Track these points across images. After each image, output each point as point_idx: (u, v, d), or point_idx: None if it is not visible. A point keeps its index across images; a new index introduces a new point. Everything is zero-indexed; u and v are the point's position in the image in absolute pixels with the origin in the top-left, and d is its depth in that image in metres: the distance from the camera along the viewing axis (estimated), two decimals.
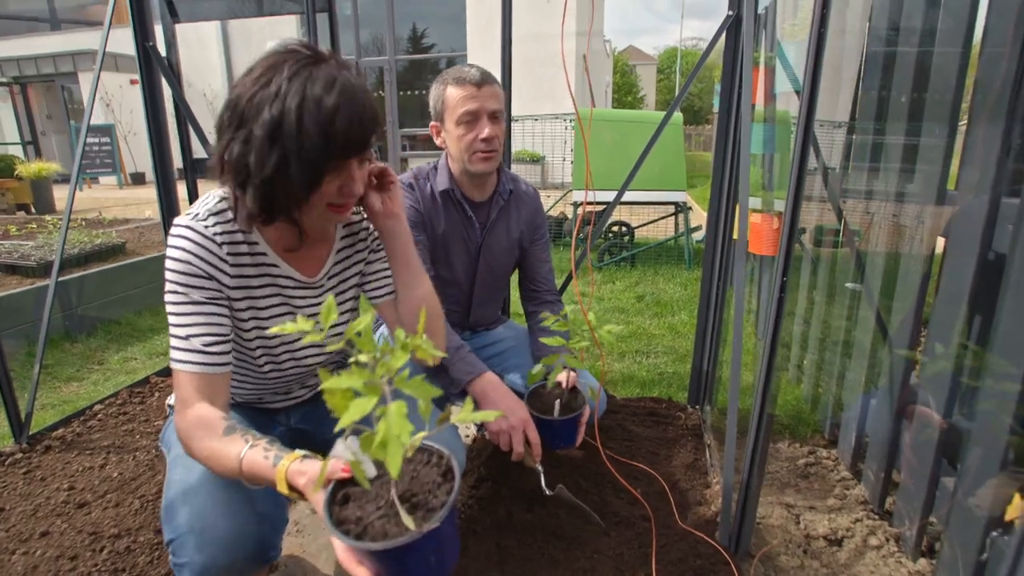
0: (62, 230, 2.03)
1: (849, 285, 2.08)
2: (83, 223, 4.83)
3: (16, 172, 7.27)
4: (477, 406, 1.41)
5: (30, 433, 1.90)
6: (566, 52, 10.38)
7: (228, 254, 0.98)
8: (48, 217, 6.14)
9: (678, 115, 4.86)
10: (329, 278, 1.13)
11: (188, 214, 0.98)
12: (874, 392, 1.79)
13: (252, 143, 0.87)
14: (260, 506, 0.97)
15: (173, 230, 0.96)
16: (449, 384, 1.43)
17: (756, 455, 1.30)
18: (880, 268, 1.84)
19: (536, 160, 9.72)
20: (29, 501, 1.59)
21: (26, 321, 2.95)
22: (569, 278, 2.01)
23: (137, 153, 11.95)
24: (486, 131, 1.46)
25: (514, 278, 1.85)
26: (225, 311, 0.99)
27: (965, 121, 1.39)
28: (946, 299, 1.40)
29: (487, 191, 1.62)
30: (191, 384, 0.94)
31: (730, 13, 1.74)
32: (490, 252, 1.68)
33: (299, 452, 0.86)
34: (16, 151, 10.86)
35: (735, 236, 1.98)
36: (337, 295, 1.15)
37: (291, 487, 0.82)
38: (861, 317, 1.88)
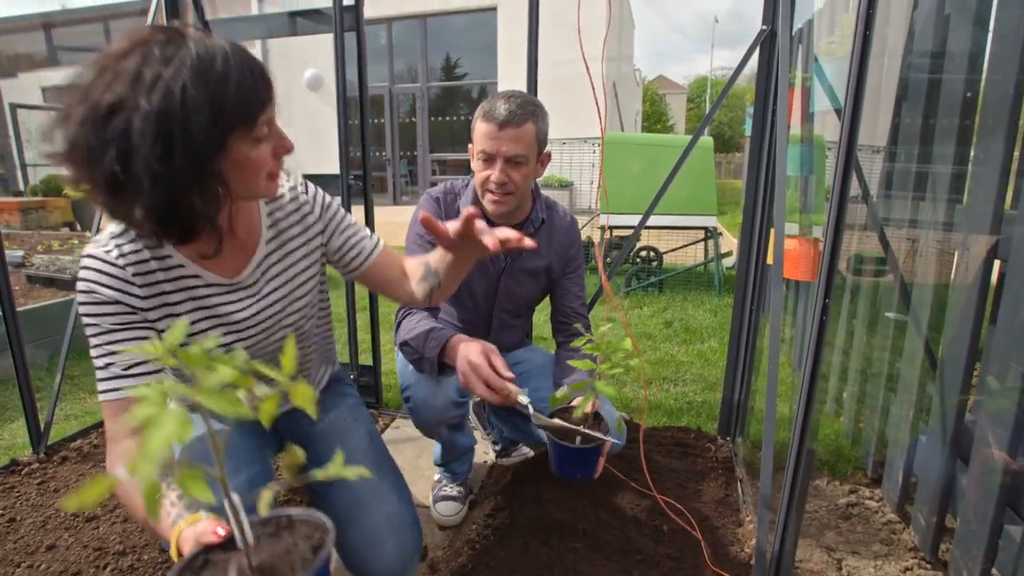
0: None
1: (889, 315, 1.97)
2: None
3: (64, 191, 7.59)
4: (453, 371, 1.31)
5: (48, 443, 1.90)
6: (594, 76, 10.47)
7: (135, 275, 0.91)
8: (89, 234, 6.36)
9: (708, 139, 4.80)
10: (264, 271, 1.04)
11: (94, 242, 0.91)
12: (924, 428, 1.66)
13: (131, 148, 0.75)
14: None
15: (80, 262, 0.91)
16: (429, 369, 1.35)
17: (795, 493, 1.19)
18: (928, 296, 1.72)
19: (565, 185, 9.73)
20: (40, 512, 1.58)
21: (57, 332, 3.00)
22: (593, 302, 1.94)
23: None
24: (496, 175, 1.40)
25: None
26: (144, 334, 0.92)
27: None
28: (1006, 327, 1.28)
29: (514, 218, 1.55)
30: (116, 414, 0.89)
31: (764, 28, 1.68)
32: (513, 280, 1.62)
33: (202, 514, 0.77)
34: None
35: (769, 261, 1.89)
36: (275, 277, 1.06)
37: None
38: (907, 348, 1.76)
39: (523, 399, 1.22)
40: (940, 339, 1.68)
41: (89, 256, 0.89)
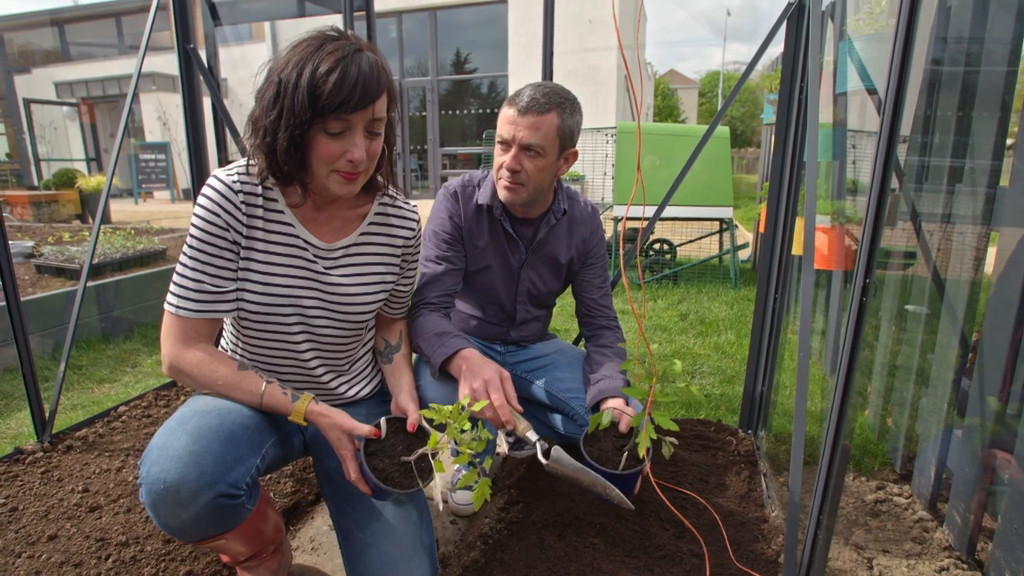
0: (93, 234, 2.03)
1: (910, 308, 1.88)
2: (132, 232, 4.96)
3: (76, 184, 7.62)
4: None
5: (53, 432, 1.87)
6: (608, 68, 10.35)
7: (243, 202, 1.07)
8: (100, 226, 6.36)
9: (724, 129, 4.69)
10: (347, 254, 1.19)
11: (224, 169, 1.09)
12: (958, 422, 1.57)
13: (264, 103, 1.00)
14: (235, 438, 1.02)
15: (207, 180, 1.09)
16: (432, 371, 1.34)
17: (828, 490, 1.12)
18: (964, 288, 1.64)
19: (576, 179, 9.63)
20: (42, 502, 1.54)
21: (64, 321, 2.98)
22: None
23: (190, 170, 12.44)
24: (509, 161, 1.35)
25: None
26: (231, 266, 1.09)
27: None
28: None
29: (535, 210, 1.51)
30: (187, 324, 1.08)
31: (791, 0, 1.60)
32: (534, 272, 1.57)
33: (310, 395, 1.11)
34: (81, 166, 11.44)
35: (795, 250, 1.81)
36: (353, 265, 1.20)
37: (307, 420, 1.09)
38: (939, 341, 1.68)
39: (531, 436, 1.21)
40: (972, 331, 1.60)
41: (215, 177, 1.07)
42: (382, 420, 1.14)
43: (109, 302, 3.23)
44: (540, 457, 1.20)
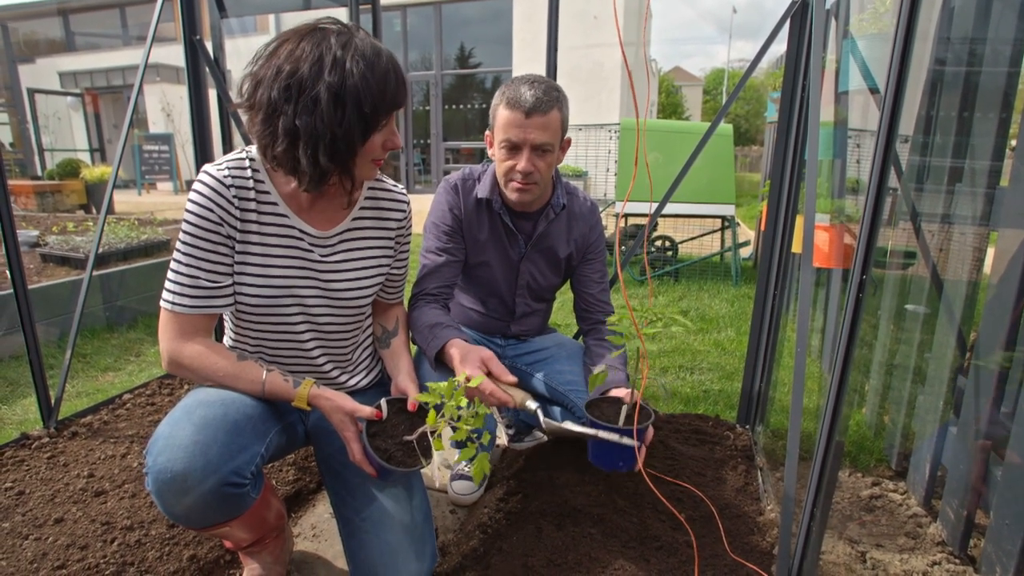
0: (99, 225, 2.05)
1: (909, 307, 1.90)
2: (136, 222, 4.98)
3: (81, 175, 7.64)
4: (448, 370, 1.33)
5: (59, 418, 1.89)
6: (612, 65, 10.33)
7: (235, 196, 1.07)
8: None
9: (727, 126, 4.69)
10: (342, 240, 1.20)
11: (214, 164, 1.08)
12: (953, 420, 1.59)
13: (323, 111, 0.96)
14: (240, 428, 1.03)
15: (198, 176, 1.08)
16: (429, 364, 1.37)
17: (822, 484, 1.14)
18: (961, 287, 1.65)
19: (579, 175, 9.62)
20: (49, 486, 1.56)
21: (69, 310, 3.01)
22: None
23: (194, 161, 12.44)
24: (523, 164, 1.36)
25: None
26: (227, 260, 1.09)
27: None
28: None
29: (535, 205, 1.52)
30: (185, 319, 1.07)
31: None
32: (533, 266, 1.59)
33: (311, 380, 1.13)
34: (84, 157, 11.44)
35: (795, 248, 1.82)
36: (349, 251, 1.21)
37: (310, 404, 1.11)
38: (936, 340, 1.69)
39: (531, 404, 1.24)
40: (970, 330, 1.62)
41: (206, 172, 1.06)
42: (383, 401, 1.16)
43: (114, 291, 3.25)
44: (540, 416, 1.24)
